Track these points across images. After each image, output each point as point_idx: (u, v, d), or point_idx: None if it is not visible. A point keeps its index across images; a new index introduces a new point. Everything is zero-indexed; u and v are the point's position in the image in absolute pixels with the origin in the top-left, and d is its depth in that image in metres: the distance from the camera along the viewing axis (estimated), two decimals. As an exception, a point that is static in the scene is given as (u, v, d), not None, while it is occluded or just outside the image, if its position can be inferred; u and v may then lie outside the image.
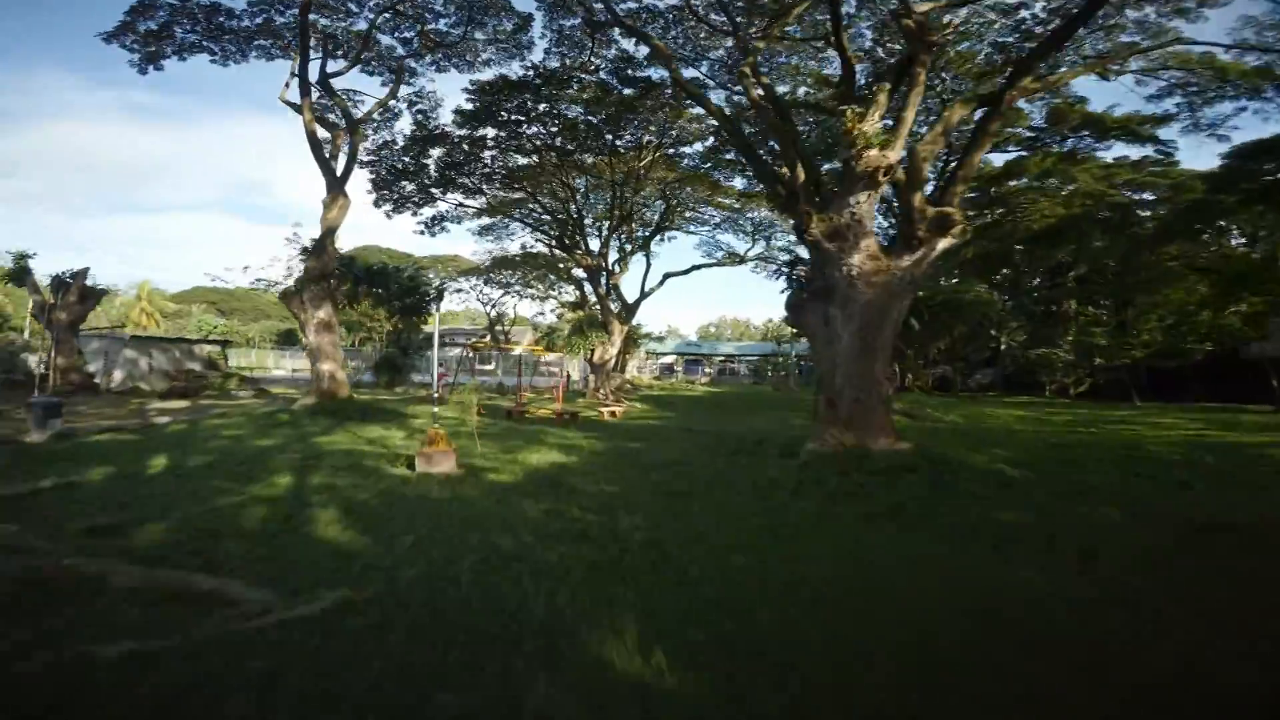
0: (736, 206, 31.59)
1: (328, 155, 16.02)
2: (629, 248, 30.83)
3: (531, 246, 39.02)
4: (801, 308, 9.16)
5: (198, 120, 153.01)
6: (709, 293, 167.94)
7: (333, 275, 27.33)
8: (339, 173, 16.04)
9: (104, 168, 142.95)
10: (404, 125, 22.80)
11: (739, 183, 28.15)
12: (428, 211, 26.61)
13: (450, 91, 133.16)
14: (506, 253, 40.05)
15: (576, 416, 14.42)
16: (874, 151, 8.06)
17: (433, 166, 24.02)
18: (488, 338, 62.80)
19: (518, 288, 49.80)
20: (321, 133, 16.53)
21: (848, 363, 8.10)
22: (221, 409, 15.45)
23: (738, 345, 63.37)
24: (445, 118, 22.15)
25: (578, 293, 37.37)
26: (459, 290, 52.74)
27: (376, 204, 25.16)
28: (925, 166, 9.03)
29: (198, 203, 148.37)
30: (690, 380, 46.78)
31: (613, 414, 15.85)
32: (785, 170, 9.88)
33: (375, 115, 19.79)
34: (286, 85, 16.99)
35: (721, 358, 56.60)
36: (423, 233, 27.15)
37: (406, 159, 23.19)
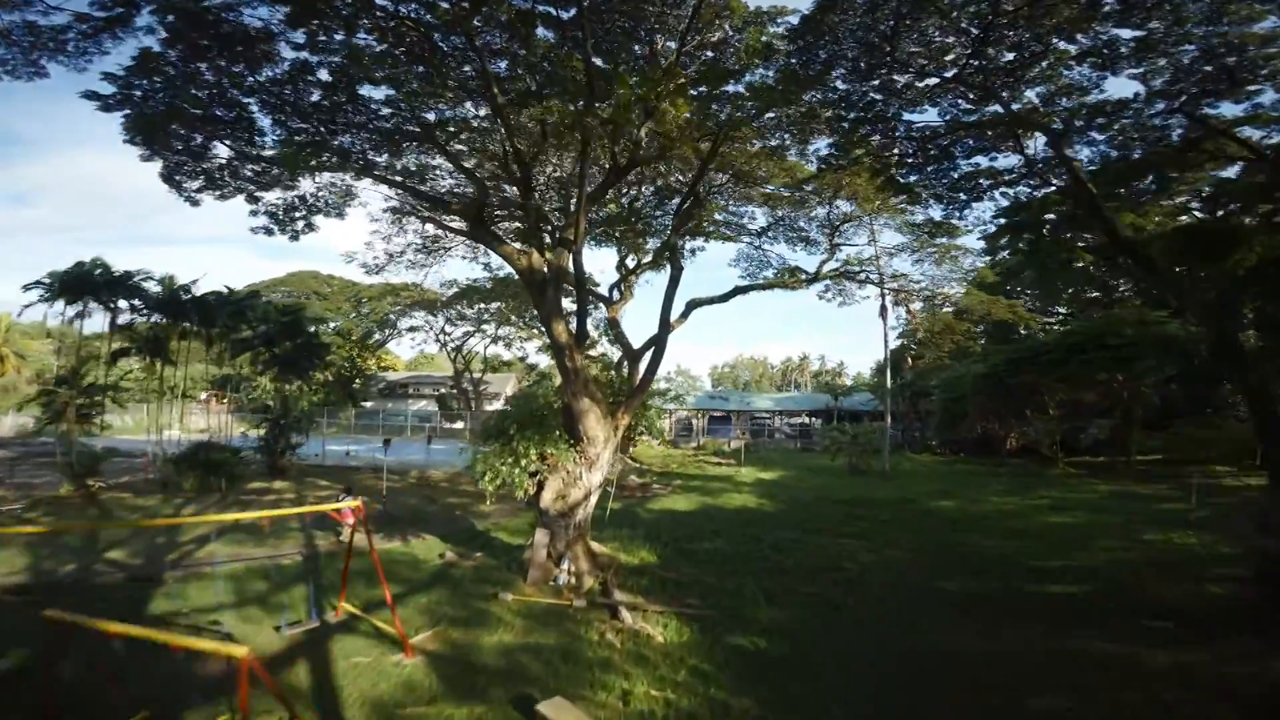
0: (805, 194, 19.94)
1: None
2: (632, 262, 18.91)
3: (478, 264, 27.65)
4: None
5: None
6: (720, 326, 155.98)
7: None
8: None
9: (118, 198, 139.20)
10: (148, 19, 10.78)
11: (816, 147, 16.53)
12: (274, 198, 15.20)
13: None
14: (439, 269, 27.92)
15: None
16: None
17: (258, 110, 12.69)
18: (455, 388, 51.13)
19: (491, 323, 38.28)
20: None
21: None
22: None
23: (775, 398, 50.64)
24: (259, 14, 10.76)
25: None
26: (412, 329, 41.19)
27: (168, 179, 13.78)
28: None
29: (218, 237, 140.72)
30: (722, 450, 34.52)
31: None
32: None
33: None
34: None
35: (760, 413, 43.85)
36: (270, 232, 15.72)
37: (193, 90, 11.79)
